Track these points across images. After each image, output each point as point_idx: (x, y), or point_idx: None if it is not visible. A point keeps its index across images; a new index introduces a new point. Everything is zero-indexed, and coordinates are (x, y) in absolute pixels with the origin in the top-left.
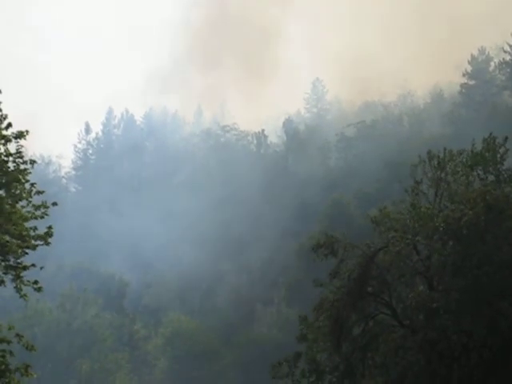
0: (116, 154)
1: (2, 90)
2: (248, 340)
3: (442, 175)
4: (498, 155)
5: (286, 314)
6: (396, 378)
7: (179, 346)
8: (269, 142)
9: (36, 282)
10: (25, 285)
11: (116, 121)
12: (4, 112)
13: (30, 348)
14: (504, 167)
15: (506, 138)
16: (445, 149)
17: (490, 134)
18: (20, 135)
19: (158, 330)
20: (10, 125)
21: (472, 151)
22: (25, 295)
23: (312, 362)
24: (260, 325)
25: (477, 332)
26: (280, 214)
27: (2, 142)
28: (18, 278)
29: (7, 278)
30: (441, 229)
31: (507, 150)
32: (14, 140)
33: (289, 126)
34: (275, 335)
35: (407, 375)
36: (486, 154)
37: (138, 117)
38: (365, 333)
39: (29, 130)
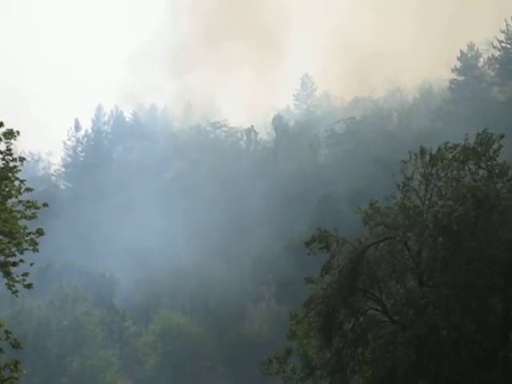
0: (105, 151)
1: None
2: (238, 337)
3: (433, 171)
4: (491, 150)
5: (276, 310)
6: (386, 374)
7: (169, 343)
8: (258, 139)
9: (24, 279)
10: (15, 281)
11: (106, 117)
12: None
13: (16, 346)
14: (495, 162)
15: (503, 136)
16: (439, 147)
17: (485, 129)
18: (10, 134)
19: (149, 327)
20: (1, 124)
21: (464, 146)
22: (16, 291)
23: (303, 358)
24: (250, 321)
25: (466, 327)
26: (270, 211)
27: None
28: (7, 274)
29: None
30: (431, 225)
31: (501, 146)
32: (3, 139)
33: (278, 123)
34: (265, 332)
35: (397, 371)
36: (479, 149)
37: (128, 113)
38: (355, 328)
39: (18, 128)
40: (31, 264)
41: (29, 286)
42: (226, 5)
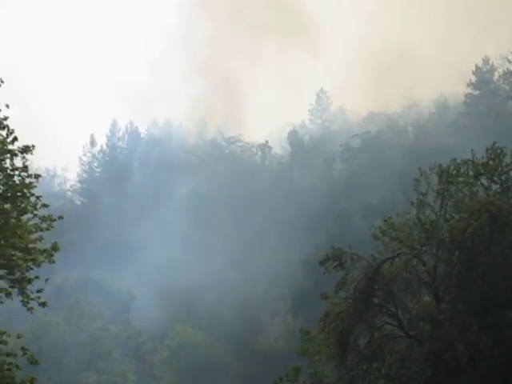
0: (121, 166)
1: (8, 103)
2: (254, 352)
3: (448, 187)
4: (503, 164)
5: (292, 325)
6: None
7: (185, 358)
8: (273, 154)
9: (39, 297)
10: (30, 299)
11: (120, 133)
12: (8, 124)
13: (34, 362)
14: (508, 176)
15: None
16: (453, 164)
17: (494, 143)
18: (26, 150)
19: (164, 343)
20: (15, 139)
21: (473, 161)
22: (31, 308)
23: (313, 376)
24: (266, 337)
25: (483, 343)
26: (285, 226)
27: (8, 156)
28: (23, 292)
29: (14, 291)
30: (447, 239)
31: None
32: (19, 154)
33: (293, 137)
34: (281, 347)
35: None
36: (491, 163)
37: (143, 129)
38: (370, 344)
39: (34, 144)
40: (46, 280)
41: (43, 305)
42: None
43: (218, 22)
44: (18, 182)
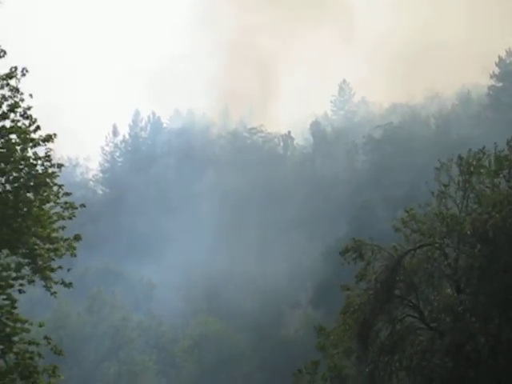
0: (143, 156)
1: (32, 92)
2: (274, 343)
3: (469, 178)
4: None
5: (312, 316)
6: (422, 381)
7: (207, 349)
8: (295, 144)
9: (63, 279)
10: (54, 282)
11: (143, 123)
12: (31, 114)
13: (58, 352)
14: None
15: None
16: (474, 154)
17: None
18: (48, 138)
19: (186, 333)
20: (38, 128)
21: (495, 153)
22: (55, 293)
23: (332, 370)
24: (287, 328)
25: (504, 335)
26: (307, 216)
27: (31, 145)
28: (46, 278)
29: (36, 278)
30: (469, 232)
31: None
32: (42, 143)
33: (316, 128)
34: (302, 338)
35: (434, 378)
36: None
37: (165, 119)
38: (392, 335)
39: (56, 133)
40: (69, 270)
41: (69, 286)
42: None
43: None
44: (40, 172)
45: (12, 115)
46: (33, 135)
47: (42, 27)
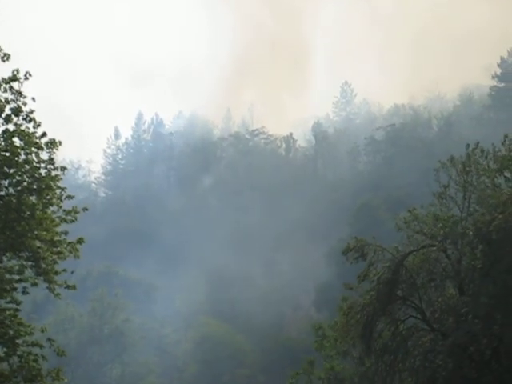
0: (145, 158)
1: (35, 95)
2: (276, 345)
3: (468, 179)
4: None
5: (315, 318)
6: (425, 382)
7: (209, 350)
8: (297, 146)
9: (66, 281)
10: (58, 284)
11: (145, 125)
12: (34, 117)
13: (60, 353)
14: None
15: None
16: (470, 153)
17: (506, 135)
18: (52, 144)
19: (188, 335)
20: (44, 134)
21: (494, 155)
22: (58, 294)
23: (330, 370)
24: (289, 329)
25: (507, 336)
26: (309, 218)
27: (35, 149)
28: (50, 281)
29: (39, 280)
30: (470, 233)
31: None
32: (45, 149)
33: (318, 130)
34: (304, 340)
35: (437, 379)
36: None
37: (167, 121)
38: (394, 336)
39: (58, 136)
40: (72, 272)
41: (73, 288)
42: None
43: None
44: (43, 175)
45: (15, 119)
46: (37, 140)
47: (46, 28)
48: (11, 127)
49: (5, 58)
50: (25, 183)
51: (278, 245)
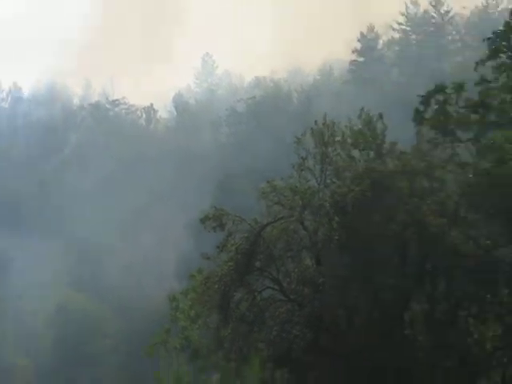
0: (3, 128)
1: None
2: (140, 315)
3: (325, 151)
4: (378, 131)
5: (177, 289)
6: (283, 352)
7: (68, 320)
8: (158, 117)
9: None
10: None
11: (4, 94)
12: None
13: None
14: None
15: (381, 115)
16: (325, 126)
17: (362, 108)
18: None
19: (45, 305)
20: None
21: (350, 128)
22: None
23: (186, 340)
24: (152, 300)
25: (362, 307)
26: (171, 190)
27: None
28: None
29: None
30: (327, 204)
31: (386, 126)
32: None
33: (179, 101)
34: (165, 310)
35: (294, 349)
36: (367, 132)
37: (26, 88)
38: (252, 307)
39: None
40: None
41: None
42: None
43: None
44: None
45: None
46: None
47: None
48: None
49: None
50: None
51: (139, 217)
